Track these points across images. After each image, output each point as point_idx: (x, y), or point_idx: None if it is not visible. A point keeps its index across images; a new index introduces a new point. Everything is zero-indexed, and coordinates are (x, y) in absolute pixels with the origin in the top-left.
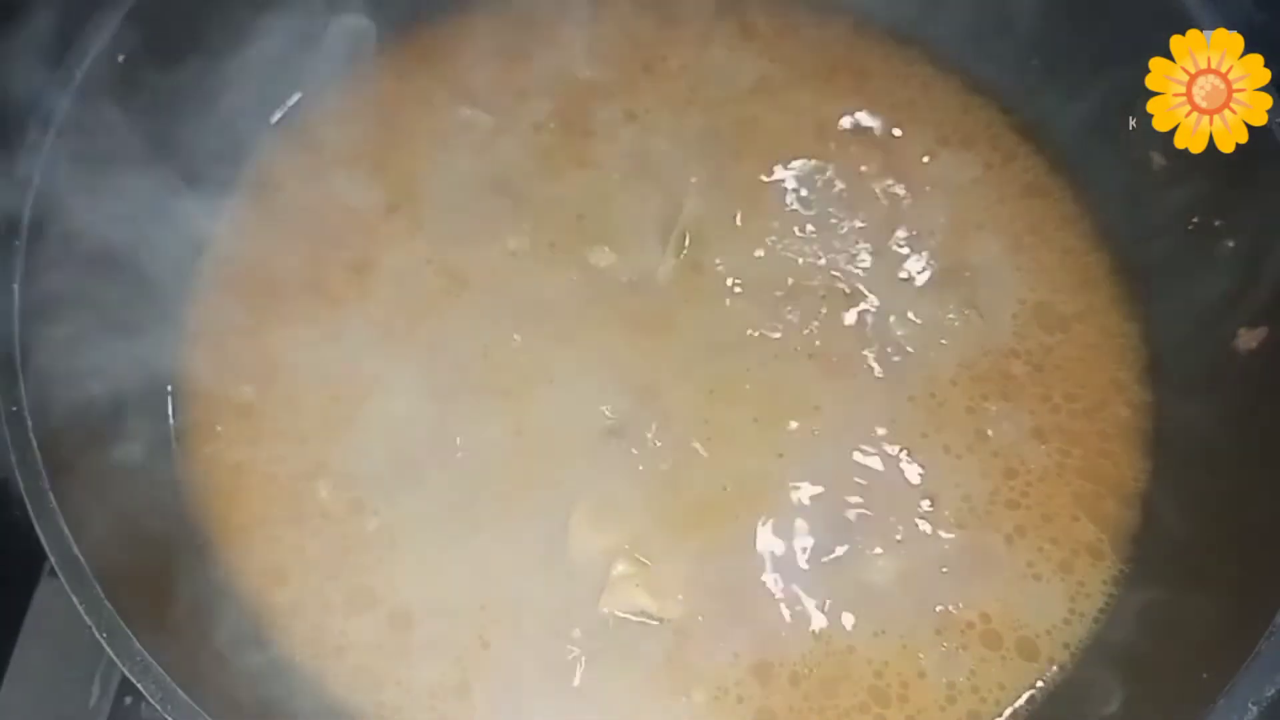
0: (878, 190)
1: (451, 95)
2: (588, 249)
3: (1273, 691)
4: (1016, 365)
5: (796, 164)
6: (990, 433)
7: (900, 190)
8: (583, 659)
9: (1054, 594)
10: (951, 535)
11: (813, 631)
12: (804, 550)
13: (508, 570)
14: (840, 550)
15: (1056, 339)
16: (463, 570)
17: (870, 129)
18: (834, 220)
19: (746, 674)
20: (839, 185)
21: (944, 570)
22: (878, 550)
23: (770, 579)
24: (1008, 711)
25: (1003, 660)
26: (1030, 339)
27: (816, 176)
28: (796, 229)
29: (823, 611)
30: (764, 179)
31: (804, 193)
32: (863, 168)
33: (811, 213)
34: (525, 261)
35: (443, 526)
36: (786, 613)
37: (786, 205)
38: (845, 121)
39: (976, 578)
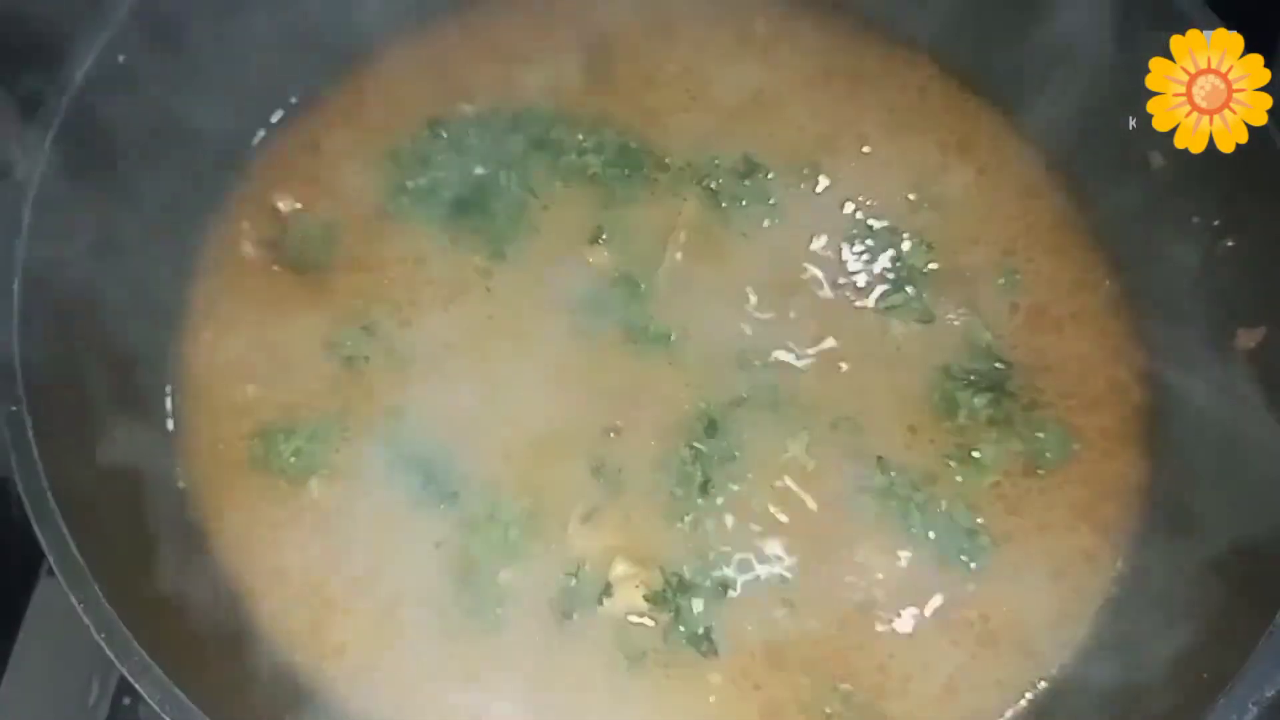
0: (878, 192)
1: (450, 99)
2: (587, 249)
3: (1273, 691)
4: (1015, 365)
5: (796, 167)
6: (989, 433)
7: (900, 193)
8: (583, 658)
9: (1053, 594)
10: (951, 535)
11: (813, 629)
12: (805, 549)
13: (509, 571)
14: (841, 549)
15: (1054, 339)
16: (464, 572)
17: (869, 132)
18: (834, 222)
19: (746, 670)
20: (839, 187)
21: (943, 569)
22: (879, 549)
23: (771, 577)
24: (1009, 712)
25: (1003, 659)
26: (1028, 339)
27: (816, 179)
28: (796, 230)
29: (822, 608)
30: (764, 182)
31: (804, 195)
32: (862, 170)
33: (811, 214)
34: (525, 260)
35: (443, 528)
36: (788, 610)
37: (787, 207)
38: (845, 124)
39: (975, 577)
